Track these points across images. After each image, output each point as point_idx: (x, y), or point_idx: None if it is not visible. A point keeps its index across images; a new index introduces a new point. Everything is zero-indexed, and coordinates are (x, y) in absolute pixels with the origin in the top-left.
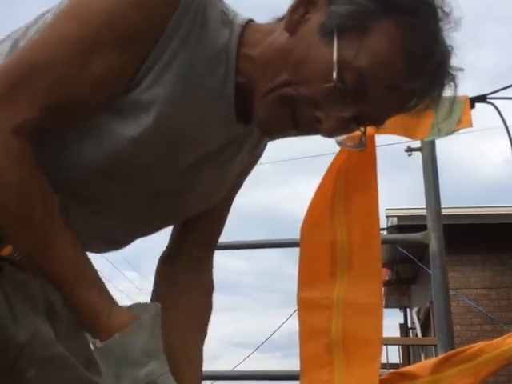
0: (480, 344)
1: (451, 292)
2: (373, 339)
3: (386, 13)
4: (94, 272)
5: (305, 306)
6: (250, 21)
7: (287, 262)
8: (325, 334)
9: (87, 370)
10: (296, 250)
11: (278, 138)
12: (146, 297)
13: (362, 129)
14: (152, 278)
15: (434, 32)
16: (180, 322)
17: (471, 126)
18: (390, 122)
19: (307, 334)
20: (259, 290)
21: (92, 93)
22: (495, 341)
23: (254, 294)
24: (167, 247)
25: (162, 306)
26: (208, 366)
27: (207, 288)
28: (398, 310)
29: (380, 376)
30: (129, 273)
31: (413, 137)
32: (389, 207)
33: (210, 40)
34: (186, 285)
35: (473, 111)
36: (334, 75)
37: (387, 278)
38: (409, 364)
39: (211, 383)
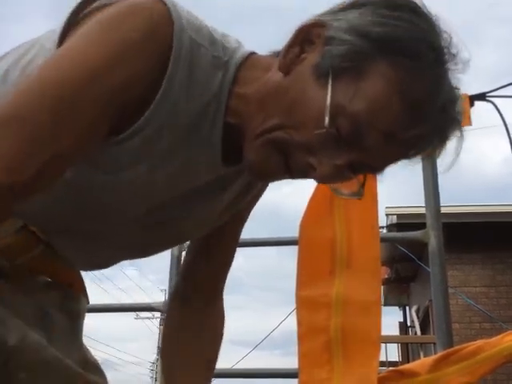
0: (479, 342)
1: (450, 290)
2: (372, 337)
3: (384, 54)
4: None
5: (304, 304)
6: (252, 53)
7: (287, 261)
8: (324, 332)
9: (84, 370)
10: (296, 249)
11: (270, 181)
12: (145, 295)
13: (361, 177)
14: (151, 277)
15: (438, 76)
16: (188, 365)
17: (470, 124)
18: None
19: (306, 332)
20: (259, 289)
21: (76, 148)
22: (494, 339)
23: (253, 292)
24: (177, 283)
25: (171, 346)
26: None
27: (219, 326)
28: (397, 308)
29: (379, 374)
30: (129, 271)
31: None
32: (388, 205)
33: (197, 92)
34: (196, 326)
35: (472, 109)
36: (326, 121)
37: (386, 277)
38: (408, 362)
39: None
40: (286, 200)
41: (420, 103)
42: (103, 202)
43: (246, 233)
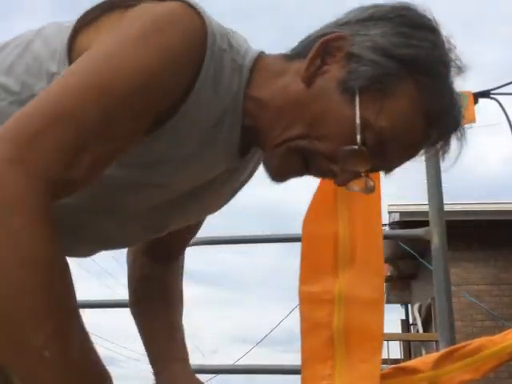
0: (481, 339)
1: (453, 288)
2: (374, 334)
3: (408, 75)
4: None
5: (306, 301)
6: (260, 53)
7: (288, 257)
8: (326, 329)
9: None
10: (297, 245)
11: (286, 181)
12: None
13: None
14: None
15: (451, 90)
16: (159, 313)
17: (474, 121)
18: None
19: (309, 329)
20: (260, 285)
21: (122, 145)
22: (496, 336)
23: (254, 288)
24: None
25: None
26: (208, 360)
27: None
28: (399, 305)
29: (381, 371)
30: None
31: None
32: (391, 203)
33: (222, 94)
34: (163, 273)
35: (476, 106)
36: (358, 139)
37: (389, 274)
38: (410, 360)
39: (213, 377)
40: (286, 197)
41: (439, 119)
42: (122, 197)
43: (247, 229)
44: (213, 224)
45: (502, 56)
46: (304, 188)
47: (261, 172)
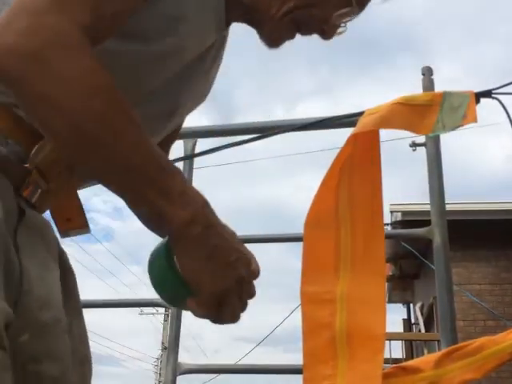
0: (482, 339)
1: (455, 288)
2: (376, 334)
3: None
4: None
5: (308, 301)
6: None
7: (290, 257)
8: (328, 329)
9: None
10: (299, 245)
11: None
12: (148, 290)
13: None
14: None
15: None
16: None
17: (476, 121)
18: (395, 117)
19: (310, 329)
20: (261, 285)
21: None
22: (498, 336)
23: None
24: None
25: None
26: (211, 359)
27: None
28: (401, 305)
29: (383, 370)
30: (133, 267)
31: (418, 131)
32: (393, 202)
33: None
34: None
35: (478, 106)
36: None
37: (390, 273)
38: (412, 359)
39: (215, 376)
40: (289, 197)
41: None
42: (130, 72)
43: (251, 229)
44: None
45: (504, 55)
46: (305, 188)
47: (264, 171)
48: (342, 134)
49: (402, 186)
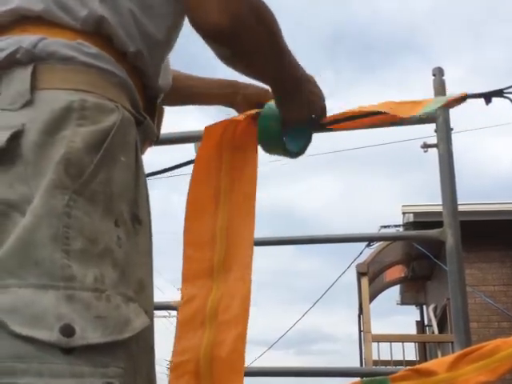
0: (497, 341)
1: (468, 289)
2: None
3: None
4: None
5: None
6: None
7: (301, 259)
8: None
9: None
10: (310, 247)
11: None
12: (161, 293)
13: None
14: (167, 276)
15: None
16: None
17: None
18: (379, 106)
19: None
20: (271, 287)
21: None
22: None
23: (266, 291)
24: None
25: None
26: None
27: None
28: (414, 307)
29: (396, 373)
30: None
31: (401, 114)
32: (405, 203)
33: None
34: None
35: (489, 106)
36: None
37: (403, 275)
38: (425, 361)
39: None
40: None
41: None
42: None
43: (260, 232)
44: None
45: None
46: (317, 190)
47: (273, 174)
48: (351, 136)
49: (414, 187)
